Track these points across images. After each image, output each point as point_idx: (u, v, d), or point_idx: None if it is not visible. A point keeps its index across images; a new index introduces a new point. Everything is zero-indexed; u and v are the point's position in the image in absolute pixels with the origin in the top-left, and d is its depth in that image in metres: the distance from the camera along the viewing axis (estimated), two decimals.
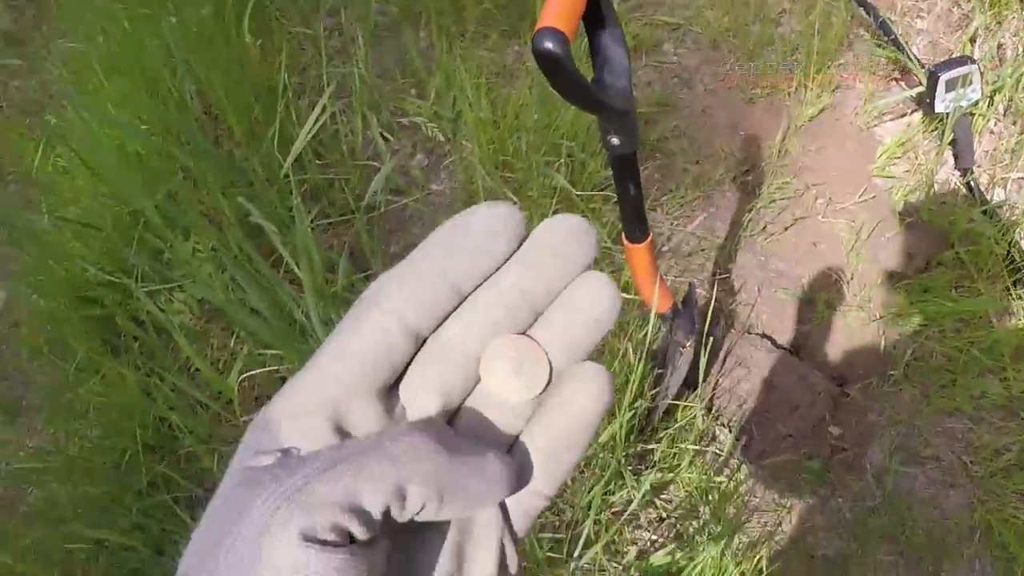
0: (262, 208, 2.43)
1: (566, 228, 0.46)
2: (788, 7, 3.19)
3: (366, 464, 0.38)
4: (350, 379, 0.43)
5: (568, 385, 0.46)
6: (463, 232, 0.45)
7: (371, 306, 0.44)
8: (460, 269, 0.44)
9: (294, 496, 0.37)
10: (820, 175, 2.74)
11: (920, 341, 2.37)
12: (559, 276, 0.46)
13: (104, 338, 2.56)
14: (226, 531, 0.37)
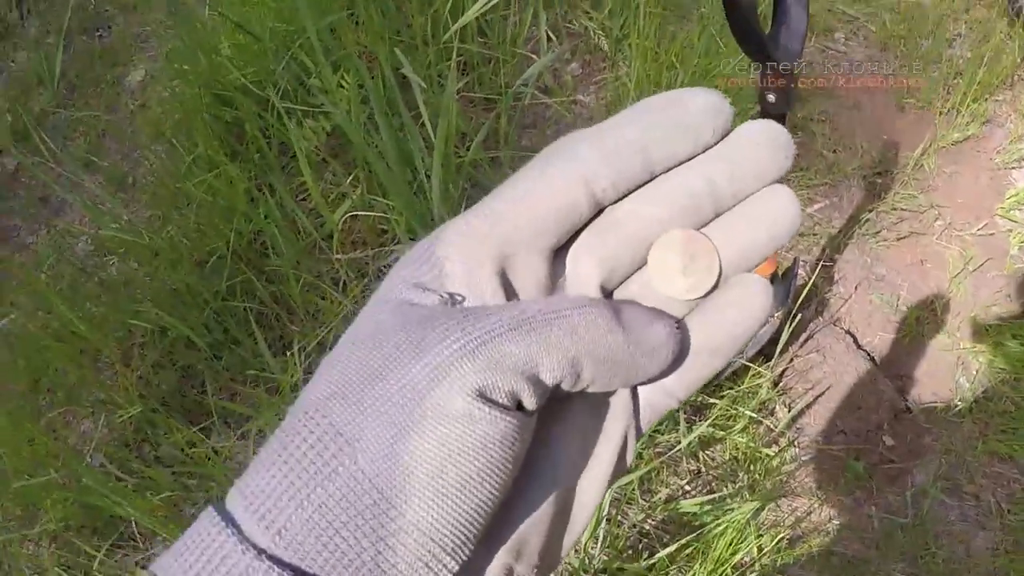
0: (416, 64, 2.46)
1: (769, 135, 0.44)
2: (964, 32, 3.18)
3: (551, 334, 0.38)
4: (527, 229, 0.42)
5: (730, 293, 0.45)
6: (676, 108, 0.43)
7: (561, 160, 0.43)
8: (661, 146, 0.43)
9: (479, 349, 0.36)
10: (947, 198, 2.74)
11: (994, 382, 2.38)
12: (751, 180, 0.44)
13: (227, 140, 2.60)
14: (393, 364, 0.37)
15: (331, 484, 0.35)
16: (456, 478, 0.35)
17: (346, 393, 0.37)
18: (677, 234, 0.44)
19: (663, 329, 0.42)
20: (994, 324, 2.48)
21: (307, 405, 0.37)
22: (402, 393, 0.36)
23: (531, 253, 0.43)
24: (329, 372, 0.38)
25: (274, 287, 2.34)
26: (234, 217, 2.38)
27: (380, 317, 0.40)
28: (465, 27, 2.56)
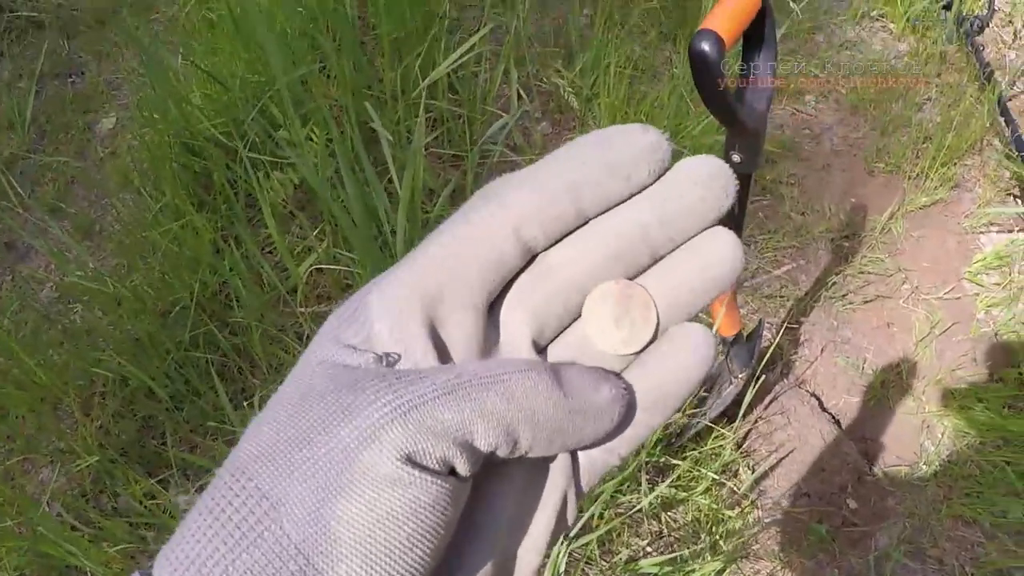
0: (385, 119, 2.47)
1: (707, 172, 0.43)
2: (934, 96, 3.20)
3: (487, 399, 0.36)
4: (454, 284, 0.41)
5: (669, 344, 0.44)
6: (607, 148, 0.42)
7: (487, 208, 0.41)
8: (591, 189, 0.42)
9: (410, 413, 0.35)
10: (914, 262, 2.75)
11: (959, 446, 2.38)
12: (688, 221, 0.43)
13: (195, 190, 2.60)
14: (321, 428, 0.36)
15: (256, 550, 0.34)
16: (384, 544, 0.34)
17: (273, 455, 0.36)
18: (611, 286, 0.43)
19: (608, 392, 0.41)
20: (960, 388, 2.48)
21: (233, 467, 0.36)
22: (329, 456, 0.35)
23: (462, 309, 0.41)
24: (256, 434, 0.37)
25: (237, 339, 2.34)
26: (199, 268, 2.38)
27: (310, 379, 0.39)
28: (436, 83, 2.57)
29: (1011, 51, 3.37)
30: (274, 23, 2.61)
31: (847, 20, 3.48)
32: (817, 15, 3.47)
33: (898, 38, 3.42)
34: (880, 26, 3.50)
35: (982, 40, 3.39)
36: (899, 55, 3.37)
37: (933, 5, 3.42)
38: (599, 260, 0.43)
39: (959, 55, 3.34)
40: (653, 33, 3.15)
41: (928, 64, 3.27)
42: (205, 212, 2.54)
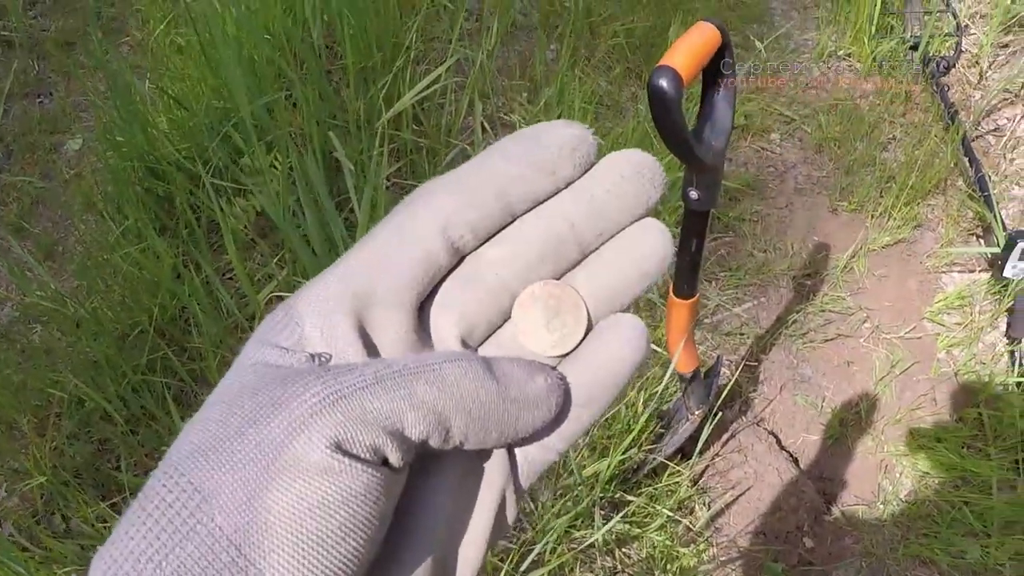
0: (349, 149, 2.46)
1: (634, 165, 0.43)
2: (899, 136, 3.22)
3: (416, 388, 0.36)
4: (383, 284, 0.41)
5: (601, 337, 0.44)
6: (531, 144, 0.42)
7: (415, 210, 0.42)
8: (518, 185, 0.42)
9: (339, 403, 0.35)
10: (875, 301, 2.76)
11: (917, 486, 2.38)
12: (616, 216, 0.43)
13: (157, 214, 2.60)
14: (252, 422, 0.35)
15: (189, 543, 0.33)
16: (316, 533, 0.34)
17: (205, 451, 0.35)
18: (539, 288, 0.43)
19: (543, 382, 0.41)
20: (919, 428, 2.48)
21: (166, 465, 0.36)
22: (260, 448, 0.34)
23: (390, 308, 0.41)
24: (190, 433, 0.37)
25: (194, 364, 2.33)
26: (159, 292, 2.37)
27: (241, 379, 0.39)
28: (400, 114, 2.57)
29: (976, 92, 3.40)
30: (241, 50, 2.61)
31: (813, 59, 3.50)
32: (783, 54, 3.50)
33: (864, 78, 3.44)
34: (846, 65, 3.53)
35: (948, 81, 3.41)
36: (865, 94, 3.39)
37: (900, 46, 3.45)
38: (528, 259, 0.43)
39: (924, 95, 3.36)
40: (618, 69, 3.16)
41: (894, 104, 3.30)
42: (167, 237, 2.53)
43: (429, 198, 0.42)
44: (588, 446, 2.15)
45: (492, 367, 0.39)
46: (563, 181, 0.43)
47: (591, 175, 0.43)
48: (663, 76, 1.10)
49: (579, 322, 0.44)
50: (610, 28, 3.24)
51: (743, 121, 3.17)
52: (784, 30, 3.59)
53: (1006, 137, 3.22)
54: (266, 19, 2.77)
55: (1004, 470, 2.38)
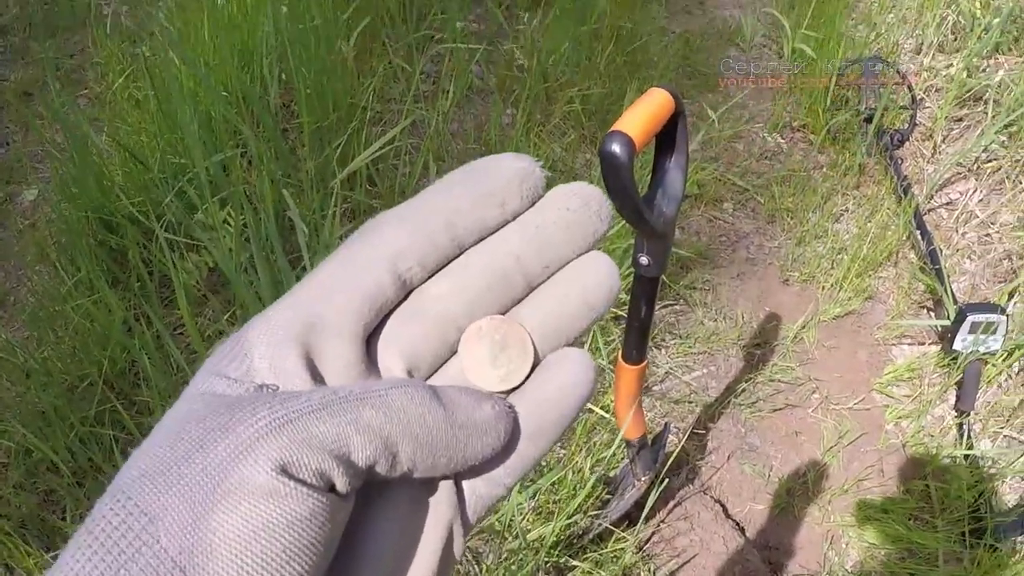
0: (303, 208, 2.47)
1: (581, 197, 0.44)
2: (852, 208, 3.25)
3: (362, 413, 0.37)
4: (331, 315, 0.41)
5: (548, 371, 0.44)
6: (480, 176, 0.43)
7: (364, 243, 0.42)
8: (465, 218, 0.43)
9: (285, 427, 0.35)
10: (824, 372, 2.78)
11: (863, 557, 2.38)
12: (562, 248, 0.44)
13: (110, 267, 2.59)
14: (198, 447, 0.35)
15: (134, 564, 0.33)
16: (260, 556, 0.34)
17: (152, 475, 0.35)
18: (485, 324, 0.43)
19: (491, 409, 0.41)
20: (866, 499, 2.49)
21: (114, 489, 0.35)
22: (206, 471, 0.34)
23: (337, 338, 0.41)
24: (137, 459, 0.37)
25: (142, 418, 2.32)
26: (109, 344, 2.36)
27: (189, 407, 0.38)
28: (355, 174, 2.58)
29: (930, 165, 3.44)
30: (197, 106, 2.62)
31: (768, 129, 3.54)
32: (738, 124, 3.53)
33: (819, 149, 3.48)
34: (801, 136, 3.57)
35: (901, 153, 3.45)
36: (819, 166, 3.43)
37: (854, 118, 3.49)
38: (474, 293, 0.43)
39: (878, 167, 3.40)
40: (573, 135, 3.19)
41: (847, 176, 3.33)
42: (119, 289, 2.53)
43: (379, 230, 0.42)
44: (534, 510, 2.15)
45: (439, 394, 0.39)
46: (511, 213, 0.43)
47: (538, 207, 0.44)
48: (615, 141, 1.10)
49: (525, 358, 0.44)
50: (566, 94, 3.27)
51: (696, 190, 3.20)
52: (739, 99, 3.62)
53: (958, 211, 3.25)
54: (223, 76, 2.78)
55: (950, 542, 2.38)
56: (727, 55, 3.96)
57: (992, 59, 3.73)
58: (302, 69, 2.75)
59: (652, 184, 1.33)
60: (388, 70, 3.21)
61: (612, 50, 3.48)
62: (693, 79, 3.74)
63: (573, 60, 3.40)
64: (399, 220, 0.42)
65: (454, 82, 3.22)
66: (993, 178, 3.31)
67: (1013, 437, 2.63)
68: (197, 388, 0.40)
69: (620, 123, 1.12)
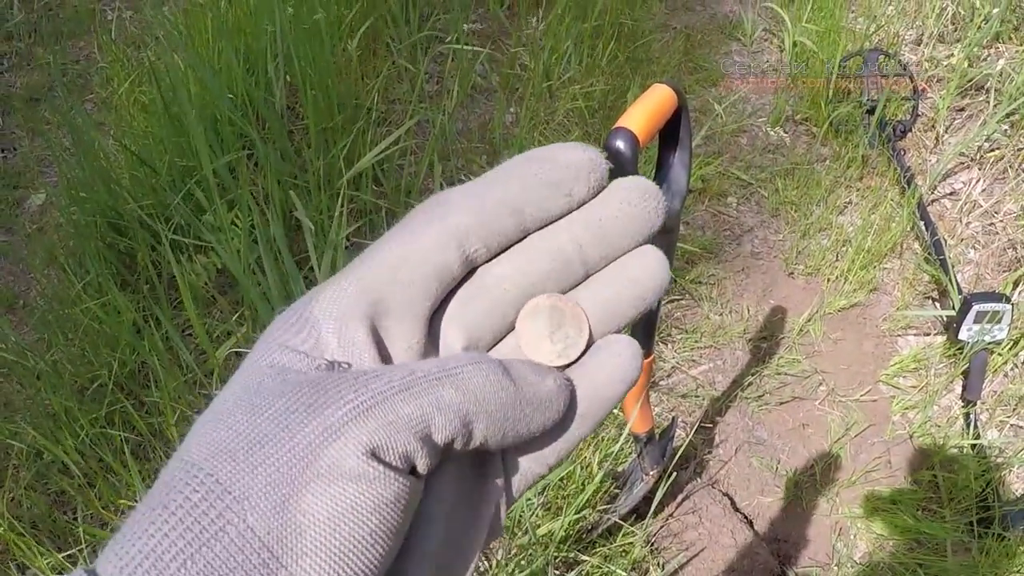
0: (308, 208, 2.48)
1: (640, 193, 0.45)
2: (855, 200, 3.25)
3: (443, 392, 0.37)
4: (400, 294, 0.42)
5: (597, 356, 0.45)
6: (548, 165, 0.43)
7: (432, 220, 0.43)
8: (533, 204, 0.43)
9: (372, 409, 0.36)
10: (831, 364, 2.78)
11: (872, 548, 2.38)
12: (620, 241, 0.45)
13: (119, 270, 2.60)
14: (284, 426, 0.36)
15: (218, 544, 0.33)
16: (349, 538, 0.34)
17: (233, 453, 0.35)
18: (544, 300, 0.44)
19: (553, 383, 0.42)
20: (874, 490, 2.49)
21: (188, 464, 0.35)
22: (294, 452, 0.35)
23: (405, 318, 0.42)
24: (210, 433, 0.37)
25: (152, 419, 2.33)
26: (118, 346, 2.37)
27: (259, 380, 0.39)
28: (361, 174, 2.59)
29: (932, 156, 3.43)
30: (204, 109, 2.62)
31: (771, 123, 3.54)
32: (741, 117, 3.54)
33: (821, 142, 3.48)
34: (804, 129, 3.57)
35: (904, 144, 3.45)
36: (821, 158, 3.43)
37: (856, 110, 3.49)
38: (536, 276, 0.44)
39: (881, 159, 3.40)
40: (577, 132, 3.19)
41: (850, 168, 3.33)
42: (127, 292, 2.54)
43: (446, 208, 0.43)
44: (543, 505, 2.15)
45: (508, 368, 0.41)
46: (576, 202, 0.44)
47: (601, 200, 0.45)
48: (619, 138, 1.10)
49: (581, 334, 0.45)
50: (569, 91, 3.28)
51: (700, 184, 3.21)
52: (742, 94, 3.63)
53: (962, 200, 3.25)
54: (229, 79, 2.79)
55: (958, 532, 2.39)
56: (729, 50, 3.97)
57: (993, 48, 3.73)
58: (308, 70, 2.75)
59: (656, 179, 1.33)
60: (392, 71, 3.22)
61: (614, 47, 3.49)
62: (695, 74, 3.74)
63: (575, 58, 3.41)
64: (466, 200, 0.43)
65: (457, 82, 3.24)
66: (996, 167, 3.31)
67: (1020, 426, 2.64)
68: (263, 359, 0.40)
69: (624, 119, 1.12)
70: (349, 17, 3.05)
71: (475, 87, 3.36)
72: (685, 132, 1.28)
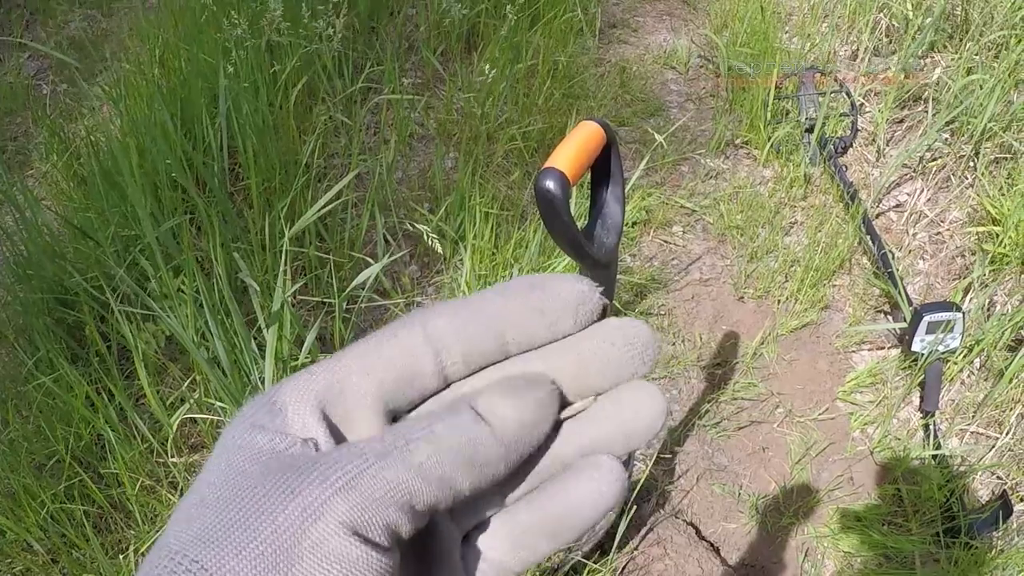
0: (253, 269, 2.48)
1: (626, 336, 0.44)
2: (801, 219, 3.28)
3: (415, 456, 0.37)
4: (369, 388, 0.41)
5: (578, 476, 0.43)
6: (537, 292, 0.43)
7: (416, 329, 0.42)
8: (516, 330, 0.43)
9: (350, 486, 0.35)
10: (786, 386, 2.80)
11: (840, 567, 2.39)
12: (597, 380, 0.44)
13: (68, 344, 2.59)
14: (264, 509, 0.35)
15: None
16: None
17: (216, 538, 0.35)
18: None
19: (541, 392, 0.42)
20: (837, 508, 2.50)
21: (172, 551, 0.35)
22: (277, 535, 0.34)
23: (367, 411, 0.41)
24: (190, 518, 0.36)
25: (111, 491, 2.32)
26: (73, 420, 2.36)
27: (239, 463, 0.38)
28: (304, 231, 2.59)
29: (875, 169, 3.46)
30: (144, 177, 2.63)
31: (711, 150, 3.56)
32: (681, 146, 3.56)
33: (762, 164, 3.51)
34: (744, 153, 3.59)
35: (846, 161, 3.48)
36: (764, 180, 3.45)
37: (796, 129, 3.52)
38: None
39: (824, 177, 3.42)
40: (517, 172, 3.21)
41: (793, 188, 3.36)
42: (79, 365, 2.53)
43: (430, 322, 0.42)
44: None
45: (482, 411, 0.40)
46: (560, 334, 0.44)
47: (584, 334, 0.44)
48: (548, 178, 1.11)
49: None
50: (507, 132, 3.30)
51: (644, 216, 3.22)
52: (681, 123, 3.65)
53: (907, 212, 3.28)
54: (167, 145, 2.79)
55: (926, 544, 2.40)
56: (665, 79, 3.99)
57: (928, 58, 3.77)
58: (248, 130, 2.76)
59: (591, 216, 1.33)
60: (329, 125, 3.23)
61: (550, 85, 3.51)
62: (633, 106, 3.77)
63: (511, 98, 3.43)
64: (451, 315, 0.43)
65: (395, 131, 3.25)
66: (939, 176, 3.34)
67: (980, 433, 2.65)
68: (236, 441, 0.40)
69: (552, 159, 1.13)
70: (284, 75, 3.06)
71: (413, 135, 3.37)
72: (616, 166, 1.28)
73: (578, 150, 1.16)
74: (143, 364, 2.28)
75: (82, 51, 3.85)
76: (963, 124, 3.36)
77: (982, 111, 3.23)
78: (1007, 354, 2.72)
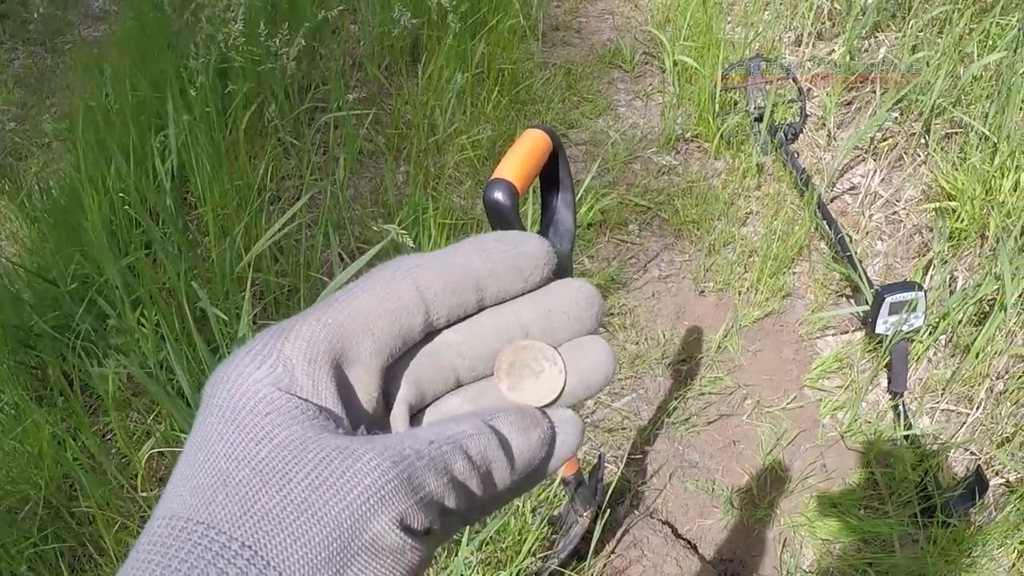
0: (213, 297, 2.47)
1: (586, 296, 0.48)
2: (756, 210, 3.29)
3: (454, 465, 0.39)
4: (367, 347, 0.43)
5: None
6: (511, 249, 0.46)
7: (408, 284, 0.44)
8: (493, 283, 0.46)
9: (406, 483, 0.36)
10: (753, 377, 2.80)
11: (819, 554, 2.39)
12: (562, 334, 0.47)
13: (31, 386, 2.57)
14: (319, 497, 0.35)
15: None
16: None
17: (265, 520, 0.35)
18: (515, 350, 0.47)
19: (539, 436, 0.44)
20: (812, 496, 2.51)
21: (210, 527, 0.35)
22: (335, 525, 0.35)
23: (368, 371, 0.43)
24: (223, 488, 0.36)
25: (84, 529, 2.31)
26: (42, 462, 2.35)
27: (266, 430, 0.37)
28: (261, 256, 2.58)
29: (827, 153, 3.48)
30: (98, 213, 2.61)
31: (662, 146, 3.56)
32: (632, 144, 3.56)
33: (714, 156, 3.51)
34: (695, 147, 3.60)
35: (797, 147, 3.49)
36: (717, 173, 3.46)
37: (745, 119, 3.53)
38: (484, 349, 0.47)
39: (776, 165, 3.43)
40: (469, 183, 3.20)
41: (747, 178, 3.36)
42: (44, 406, 2.51)
43: (415, 275, 0.44)
44: (483, 562, 2.14)
45: (503, 441, 0.42)
46: (531, 286, 0.47)
47: (549, 291, 0.48)
48: (497, 189, 1.11)
49: (557, 370, 0.47)
50: (457, 143, 3.30)
51: (600, 217, 3.22)
52: (631, 121, 3.65)
53: (862, 194, 3.30)
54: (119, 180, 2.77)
55: (903, 526, 2.41)
56: (611, 78, 4.00)
57: (872, 38, 3.78)
58: (201, 158, 2.75)
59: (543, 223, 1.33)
60: (279, 147, 3.21)
61: (497, 93, 3.51)
62: (581, 107, 3.77)
63: (459, 108, 3.43)
64: (435, 269, 0.45)
65: (344, 149, 3.24)
66: (891, 155, 3.36)
67: (950, 410, 2.67)
68: (249, 393, 0.39)
69: (500, 169, 1.13)
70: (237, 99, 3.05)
71: (363, 152, 3.36)
72: (564, 172, 1.28)
73: (524, 159, 1.16)
74: (109, 399, 2.27)
75: (27, 88, 3.83)
76: (912, 102, 3.37)
77: (930, 88, 3.24)
78: (972, 329, 2.73)
